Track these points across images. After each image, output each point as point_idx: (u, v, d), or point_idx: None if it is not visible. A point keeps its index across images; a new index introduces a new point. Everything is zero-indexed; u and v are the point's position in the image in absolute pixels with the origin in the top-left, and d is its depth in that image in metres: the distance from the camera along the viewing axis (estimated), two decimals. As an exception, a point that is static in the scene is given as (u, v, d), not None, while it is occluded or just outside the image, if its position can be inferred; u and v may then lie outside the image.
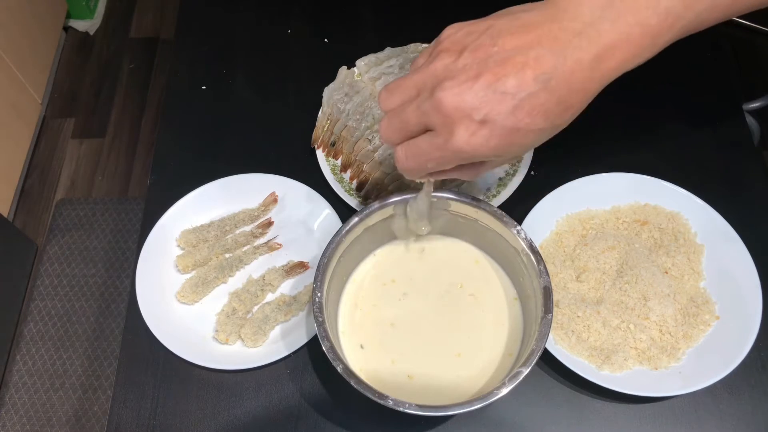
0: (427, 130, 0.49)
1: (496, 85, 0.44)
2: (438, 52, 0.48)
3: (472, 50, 0.46)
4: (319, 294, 0.59)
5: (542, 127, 0.46)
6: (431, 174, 0.53)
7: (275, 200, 0.76)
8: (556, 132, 0.49)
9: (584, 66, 0.45)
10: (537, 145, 0.49)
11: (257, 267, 0.74)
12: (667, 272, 0.68)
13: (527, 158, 0.77)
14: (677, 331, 0.66)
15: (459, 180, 0.75)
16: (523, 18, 0.46)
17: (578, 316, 0.66)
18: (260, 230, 0.75)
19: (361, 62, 0.84)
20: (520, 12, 0.47)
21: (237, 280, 0.73)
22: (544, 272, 0.59)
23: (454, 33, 0.49)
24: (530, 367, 0.54)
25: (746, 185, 0.77)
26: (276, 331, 0.69)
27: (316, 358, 0.68)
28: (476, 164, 0.52)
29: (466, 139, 0.46)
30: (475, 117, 0.45)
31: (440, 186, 0.63)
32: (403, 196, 0.63)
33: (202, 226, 0.75)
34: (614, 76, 0.47)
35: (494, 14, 0.49)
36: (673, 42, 0.47)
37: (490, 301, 0.65)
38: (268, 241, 0.75)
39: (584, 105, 0.48)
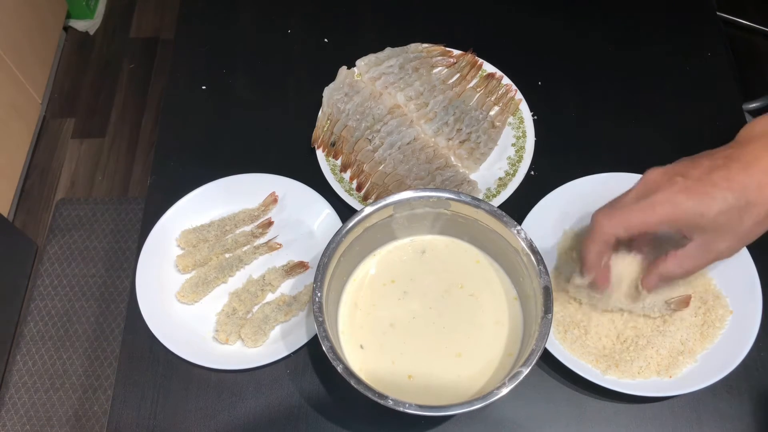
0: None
1: None
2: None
3: None
4: (319, 294, 0.59)
5: None
6: None
7: (275, 200, 0.76)
8: None
9: None
10: None
11: (257, 267, 0.74)
12: None
13: (527, 158, 0.77)
14: (695, 333, 0.65)
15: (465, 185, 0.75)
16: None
17: (581, 320, 0.66)
18: (260, 230, 0.75)
19: (361, 62, 0.84)
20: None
21: (237, 280, 0.73)
22: (544, 272, 0.59)
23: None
24: (530, 367, 0.54)
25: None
26: (276, 331, 0.69)
27: (316, 358, 0.68)
28: None
29: None
30: None
31: None
32: (404, 196, 0.63)
33: (202, 226, 0.75)
34: None
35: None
36: None
37: (490, 301, 0.65)
38: (268, 241, 0.75)
39: None
